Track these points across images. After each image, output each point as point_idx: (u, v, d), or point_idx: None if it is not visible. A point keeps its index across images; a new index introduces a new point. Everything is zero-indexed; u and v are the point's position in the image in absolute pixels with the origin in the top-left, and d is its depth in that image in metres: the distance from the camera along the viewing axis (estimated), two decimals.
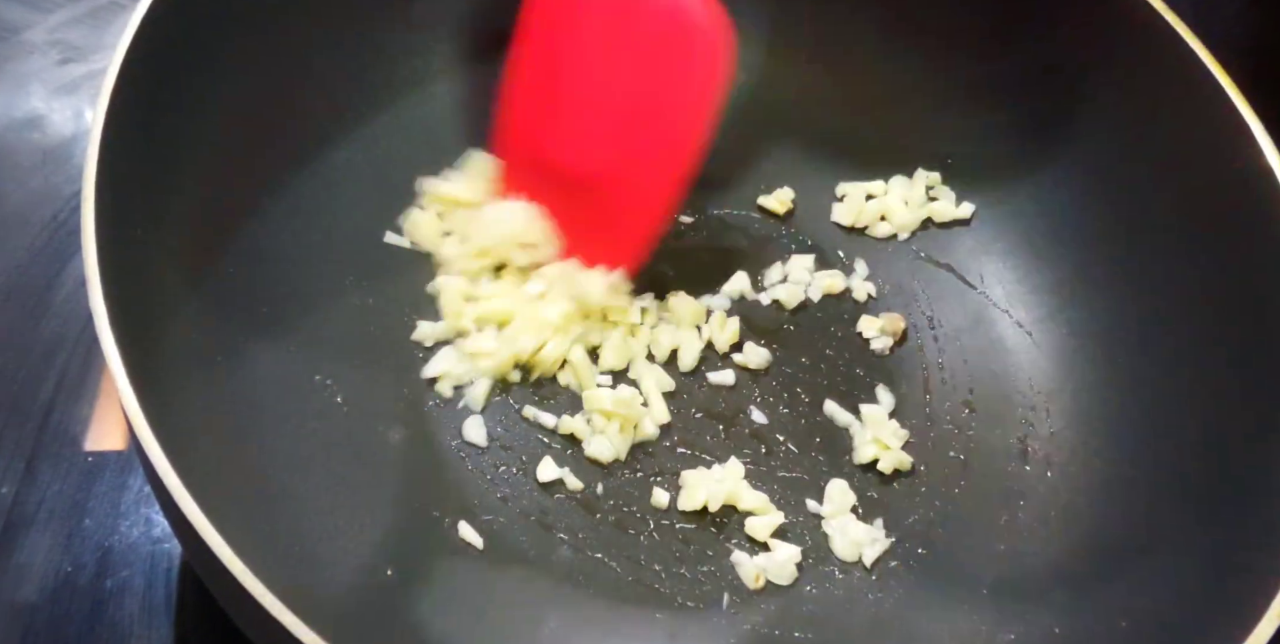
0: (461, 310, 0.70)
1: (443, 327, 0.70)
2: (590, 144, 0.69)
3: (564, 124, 0.70)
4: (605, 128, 0.69)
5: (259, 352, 0.65)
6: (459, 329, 0.70)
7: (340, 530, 0.62)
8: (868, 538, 0.66)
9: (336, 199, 0.71)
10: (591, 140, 0.69)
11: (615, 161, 0.69)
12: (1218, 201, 0.66)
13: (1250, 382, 0.63)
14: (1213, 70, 0.65)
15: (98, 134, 0.54)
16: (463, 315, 0.70)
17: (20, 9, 0.89)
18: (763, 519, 0.66)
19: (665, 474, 0.68)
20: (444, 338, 0.70)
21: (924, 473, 0.70)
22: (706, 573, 0.65)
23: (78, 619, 0.65)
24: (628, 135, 0.68)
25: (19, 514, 0.68)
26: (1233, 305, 0.65)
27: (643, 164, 0.69)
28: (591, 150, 0.69)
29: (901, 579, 0.66)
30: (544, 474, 0.66)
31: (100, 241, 0.52)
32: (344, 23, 0.71)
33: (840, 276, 0.75)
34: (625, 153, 0.69)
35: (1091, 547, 0.65)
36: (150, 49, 0.58)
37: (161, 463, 0.48)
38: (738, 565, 0.66)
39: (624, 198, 0.70)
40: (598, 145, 0.69)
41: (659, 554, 0.66)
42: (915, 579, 0.66)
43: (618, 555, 0.65)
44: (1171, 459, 0.65)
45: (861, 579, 0.66)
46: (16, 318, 0.75)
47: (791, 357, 0.73)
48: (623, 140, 0.68)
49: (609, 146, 0.69)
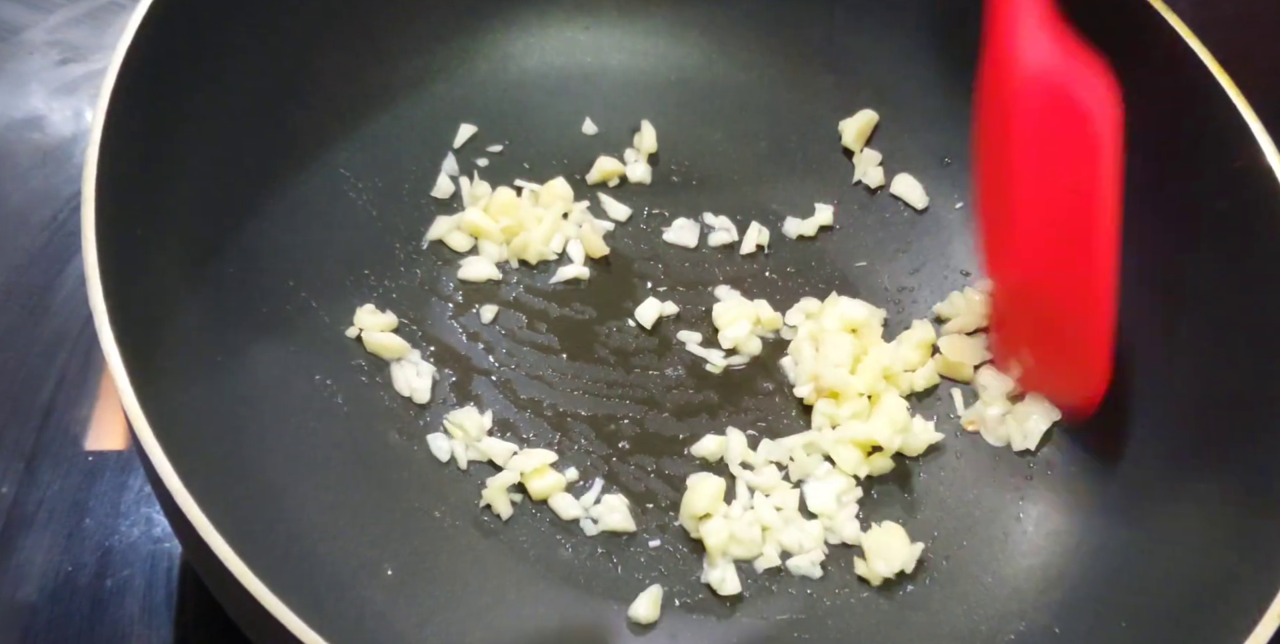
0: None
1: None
2: (1039, 257, 0.65)
3: (1016, 240, 0.65)
4: (1046, 237, 0.64)
5: (259, 352, 0.65)
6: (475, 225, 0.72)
7: (340, 530, 0.62)
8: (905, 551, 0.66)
9: (336, 199, 0.71)
10: (1040, 252, 0.65)
11: (1060, 270, 0.64)
12: (1218, 201, 0.66)
13: (1250, 381, 0.63)
14: (1213, 70, 0.65)
15: (98, 134, 0.54)
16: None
17: (20, 9, 0.89)
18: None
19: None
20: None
21: (924, 473, 0.70)
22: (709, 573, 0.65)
23: (78, 619, 0.65)
24: (1066, 240, 0.63)
25: (19, 514, 0.68)
26: (1233, 305, 0.65)
27: (1083, 266, 0.64)
28: (1040, 263, 0.65)
29: (901, 580, 0.66)
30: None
31: (100, 241, 0.52)
32: (344, 22, 0.71)
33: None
34: (1066, 259, 0.64)
35: (1092, 547, 0.65)
36: (150, 49, 0.58)
37: (161, 463, 0.48)
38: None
39: (1075, 310, 0.65)
40: (1045, 257, 0.64)
41: (662, 556, 0.66)
42: (915, 580, 0.66)
43: (620, 556, 0.65)
44: (1172, 458, 0.65)
45: (862, 579, 0.66)
46: (16, 318, 0.75)
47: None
48: (1062, 246, 0.64)
49: (1053, 256, 0.64)
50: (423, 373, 0.68)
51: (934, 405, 0.72)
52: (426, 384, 0.68)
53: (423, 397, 0.68)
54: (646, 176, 0.78)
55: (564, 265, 0.74)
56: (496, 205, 0.74)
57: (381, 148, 0.74)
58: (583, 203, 0.76)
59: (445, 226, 0.73)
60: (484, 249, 0.73)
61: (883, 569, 0.65)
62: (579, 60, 0.79)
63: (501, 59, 0.78)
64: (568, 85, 0.79)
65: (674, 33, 0.80)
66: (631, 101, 0.79)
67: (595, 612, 0.63)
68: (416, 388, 0.68)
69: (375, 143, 0.73)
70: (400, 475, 0.65)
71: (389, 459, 0.66)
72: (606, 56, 0.80)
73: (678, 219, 0.76)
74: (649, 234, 0.76)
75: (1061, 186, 0.63)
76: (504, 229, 0.73)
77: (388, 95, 0.74)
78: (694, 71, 0.80)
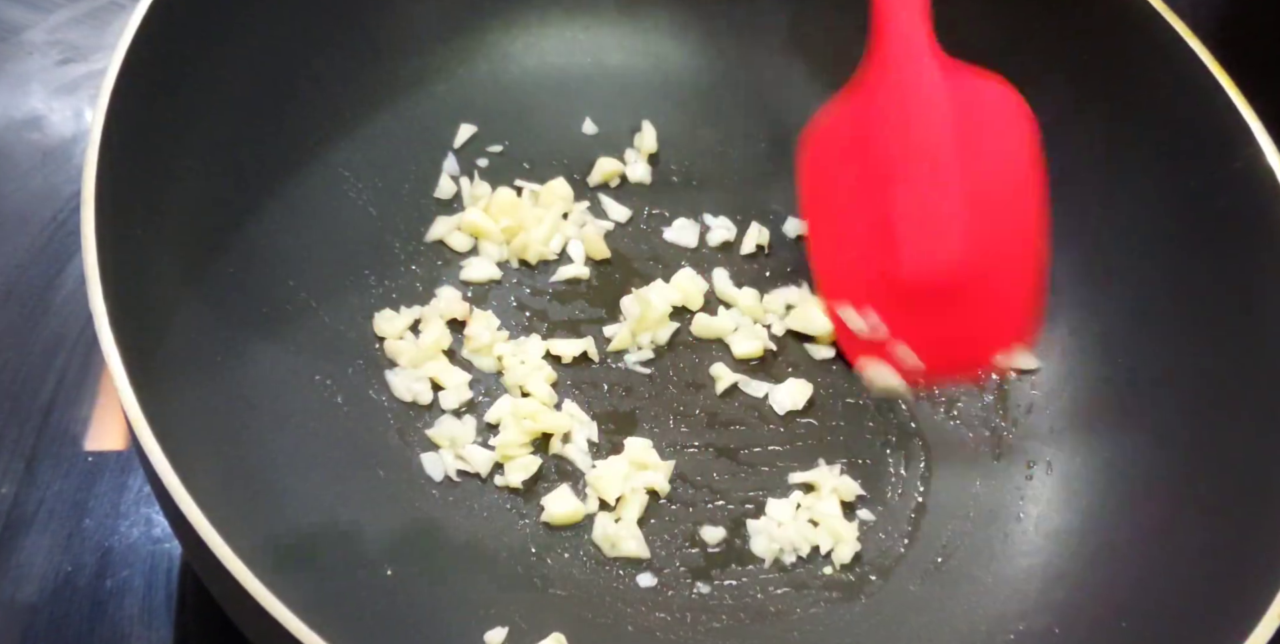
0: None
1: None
2: (941, 249, 0.67)
3: (900, 235, 0.67)
4: (951, 227, 0.67)
5: (259, 351, 0.65)
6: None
7: (340, 530, 0.62)
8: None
9: (336, 199, 0.71)
10: (940, 245, 0.67)
11: (972, 261, 0.67)
12: (1218, 201, 0.66)
13: (1250, 381, 0.63)
14: (1213, 70, 0.65)
15: (98, 134, 0.54)
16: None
17: (20, 9, 0.89)
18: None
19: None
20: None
21: (923, 473, 0.70)
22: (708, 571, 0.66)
23: (78, 619, 0.65)
24: (976, 229, 0.66)
25: (19, 514, 0.68)
26: (1233, 305, 0.65)
27: (1002, 255, 0.67)
28: (943, 255, 0.67)
29: (902, 580, 0.66)
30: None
31: (100, 241, 0.52)
32: (343, 22, 0.71)
33: None
34: (980, 249, 0.67)
35: (1091, 547, 0.65)
36: (150, 49, 0.58)
37: (161, 463, 0.48)
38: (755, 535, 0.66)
39: (990, 290, 0.68)
40: (949, 248, 0.67)
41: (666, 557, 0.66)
42: (915, 580, 0.66)
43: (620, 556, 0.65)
44: (1172, 459, 0.65)
45: (862, 579, 0.66)
46: (16, 318, 0.75)
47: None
48: (972, 235, 0.67)
49: (962, 247, 0.67)
50: (422, 376, 0.68)
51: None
52: (427, 386, 0.68)
53: (425, 398, 0.68)
54: (646, 176, 0.78)
55: (564, 265, 0.74)
56: (497, 205, 0.74)
57: (381, 148, 0.74)
58: (583, 203, 0.76)
59: (445, 227, 0.73)
60: (484, 250, 0.73)
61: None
62: (579, 60, 0.79)
63: (501, 59, 0.78)
64: (568, 85, 0.79)
65: (674, 33, 0.80)
66: (631, 101, 0.79)
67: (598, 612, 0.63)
68: (418, 391, 0.68)
69: (375, 143, 0.73)
70: (400, 476, 0.65)
71: (389, 459, 0.66)
72: (606, 56, 0.80)
73: (678, 219, 0.76)
74: (649, 234, 0.76)
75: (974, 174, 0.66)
76: (504, 229, 0.73)
77: (388, 95, 0.74)
78: (694, 71, 0.80)
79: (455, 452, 0.66)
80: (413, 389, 0.67)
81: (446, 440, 0.66)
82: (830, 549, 0.66)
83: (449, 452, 0.66)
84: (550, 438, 0.67)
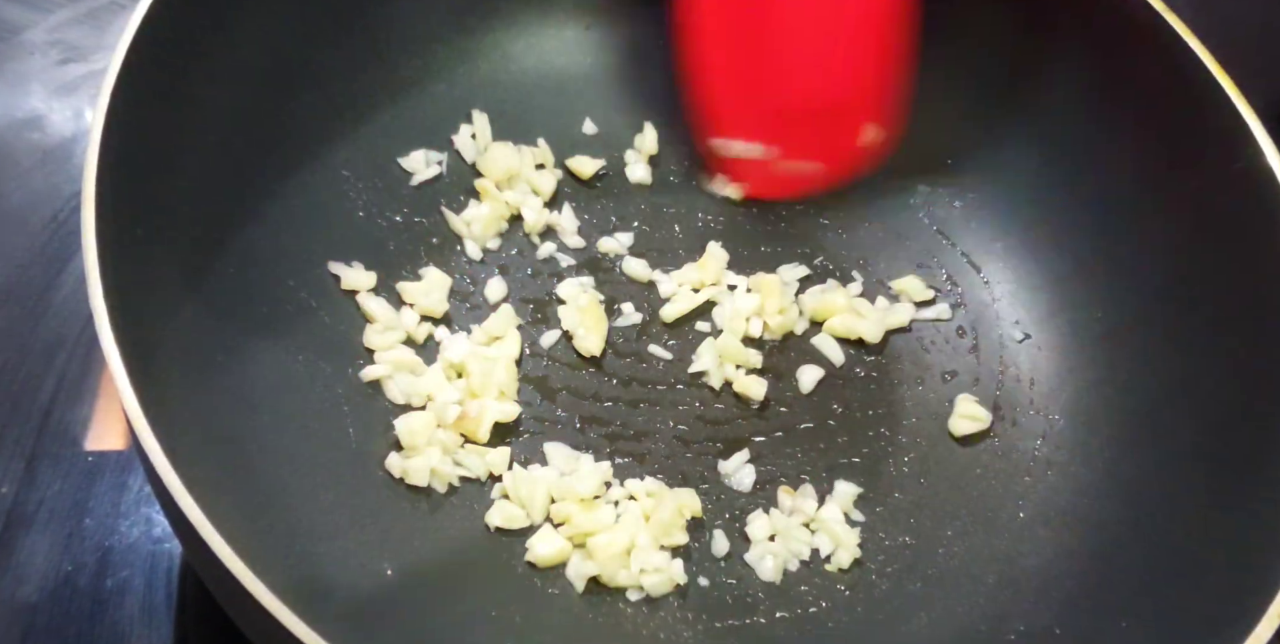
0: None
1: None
2: (808, 71, 0.73)
3: (773, 61, 0.73)
4: (817, 50, 0.73)
5: (259, 351, 0.64)
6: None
7: (340, 530, 0.62)
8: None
9: (336, 199, 0.71)
10: (808, 67, 0.73)
11: (835, 81, 0.74)
12: (1218, 201, 0.66)
13: (1250, 381, 0.63)
14: (1213, 70, 0.65)
15: (98, 134, 0.54)
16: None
17: (20, 9, 0.89)
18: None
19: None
20: None
21: (924, 473, 0.70)
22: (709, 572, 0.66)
23: (78, 619, 0.65)
24: (839, 52, 0.73)
25: (19, 514, 0.68)
26: (1233, 305, 0.65)
27: (861, 73, 0.73)
28: (811, 77, 0.74)
29: (903, 579, 0.66)
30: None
31: (100, 241, 0.52)
32: (343, 22, 0.71)
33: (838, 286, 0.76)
34: (842, 69, 0.73)
35: (1091, 547, 0.65)
36: (150, 49, 0.58)
37: (161, 463, 0.48)
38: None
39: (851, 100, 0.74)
40: (815, 70, 0.73)
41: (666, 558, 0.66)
42: (917, 579, 0.66)
43: None
44: (1172, 459, 0.65)
45: (863, 579, 0.66)
46: (16, 318, 0.75)
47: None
48: (836, 58, 0.73)
49: (826, 68, 0.73)
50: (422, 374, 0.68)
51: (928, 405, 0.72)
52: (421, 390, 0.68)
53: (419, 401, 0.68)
54: (647, 177, 0.78)
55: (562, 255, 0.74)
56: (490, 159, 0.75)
57: (381, 148, 0.74)
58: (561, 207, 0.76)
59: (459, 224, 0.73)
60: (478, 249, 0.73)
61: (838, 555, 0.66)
62: (579, 60, 0.80)
63: (501, 59, 0.78)
64: (568, 85, 0.79)
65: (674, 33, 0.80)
66: (631, 101, 0.79)
67: (597, 612, 0.63)
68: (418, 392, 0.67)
69: (375, 143, 0.73)
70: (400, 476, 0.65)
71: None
72: (606, 56, 0.80)
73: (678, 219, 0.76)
74: (649, 234, 0.76)
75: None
76: (497, 182, 0.75)
77: (388, 95, 0.74)
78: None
79: (453, 457, 0.66)
80: (413, 390, 0.67)
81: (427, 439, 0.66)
82: (830, 553, 0.67)
83: (444, 456, 0.66)
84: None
